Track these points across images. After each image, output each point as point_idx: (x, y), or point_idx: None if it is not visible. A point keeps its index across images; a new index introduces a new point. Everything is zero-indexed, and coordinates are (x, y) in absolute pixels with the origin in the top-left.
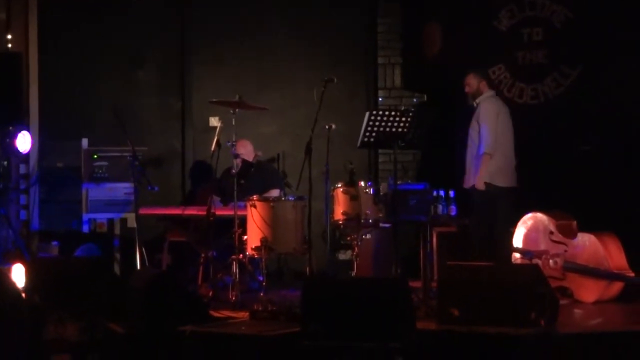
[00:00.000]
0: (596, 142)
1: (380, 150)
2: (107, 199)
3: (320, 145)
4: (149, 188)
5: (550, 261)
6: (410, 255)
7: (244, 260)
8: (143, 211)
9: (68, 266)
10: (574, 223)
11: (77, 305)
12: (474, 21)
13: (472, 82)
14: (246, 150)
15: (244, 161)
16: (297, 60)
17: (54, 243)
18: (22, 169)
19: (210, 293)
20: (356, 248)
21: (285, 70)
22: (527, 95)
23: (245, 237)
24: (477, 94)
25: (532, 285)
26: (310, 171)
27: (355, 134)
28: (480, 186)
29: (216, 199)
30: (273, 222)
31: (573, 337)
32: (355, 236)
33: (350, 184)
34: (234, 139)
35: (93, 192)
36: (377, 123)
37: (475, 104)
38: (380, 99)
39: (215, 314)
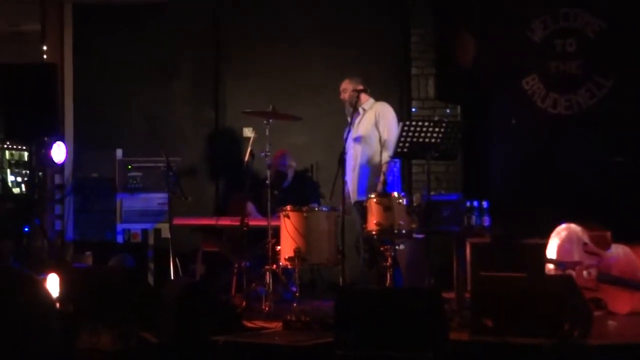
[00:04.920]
0: (630, 152)
1: (413, 161)
2: (141, 209)
3: None
4: (182, 198)
5: (584, 272)
6: (444, 265)
7: (277, 270)
8: (177, 221)
9: (102, 276)
10: (608, 234)
11: (111, 315)
12: (507, 32)
13: (347, 87)
14: (285, 161)
15: (277, 172)
16: (330, 71)
17: (88, 253)
18: (57, 179)
19: (244, 303)
20: (389, 259)
21: (318, 80)
22: (560, 105)
23: (278, 247)
24: (356, 102)
25: (566, 296)
26: (343, 182)
27: None
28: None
29: (251, 207)
30: (306, 232)
31: (607, 348)
32: (389, 247)
33: (384, 194)
34: (267, 150)
35: (127, 203)
36: (410, 133)
37: (361, 110)
38: (413, 110)
39: (249, 324)
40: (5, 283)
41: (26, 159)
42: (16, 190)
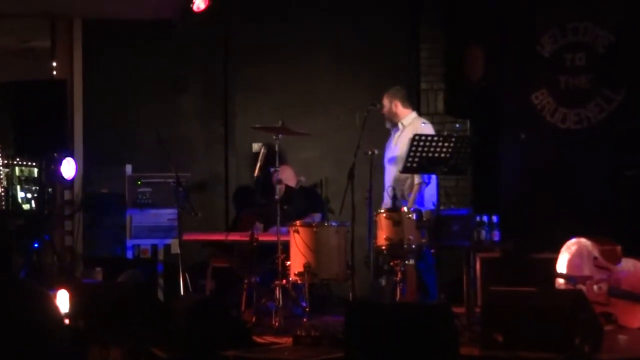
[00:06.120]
0: None
1: None
2: (151, 225)
3: (363, 170)
4: (192, 214)
5: (595, 287)
6: (454, 280)
7: (287, 285)
8: (187, 237)
9: (112, 292)
10: (619, 248)
11: (121, 331)
12: (516, 46)
13: (384, 102)
14: (286, 176)
15: (287, 187)
16: (339, 86)
17: (98, 269)
18: (67, 195)
19: (254, 318)
20: (399, 273)
21: (327, 95)
22: (570, 120)
23: (288, 262)
24: (393, 115)
25: (576, 310)
26: (352, 197)
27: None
28: None
29: (259, 225)
30: (316, 247)
31: None
32: (398, 262)
33: (393, 209)
34: (277, 165)
35: (137, 218)
36: (420, 148)
37: (400, 126)
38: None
39: (259, 340)
40: (16, 296)
41: (36, 175)
42: (26, 207)
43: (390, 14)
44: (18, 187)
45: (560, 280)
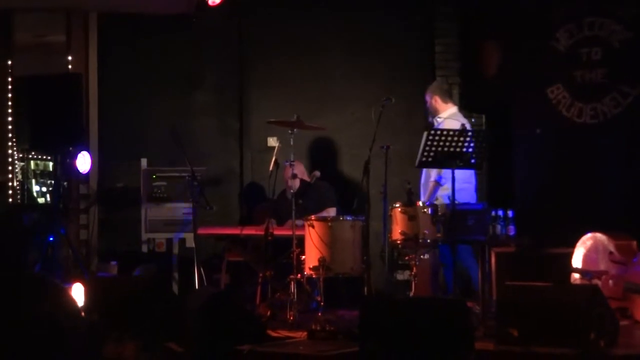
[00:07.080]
0: None
1: None
2: (166, 219)
3: (378, 165)
4: (207, 208)
5: (610, 281)
6: (469, 275)
7: (302, 280)
8: (201, 231)
9: (127, 285)
10: (634, 243)
11: (136, 325)
12: (531, 41)
13: (426, 98)
14: (300, 170)
15: (302, 181)
16: (354, 80)
17: (113, 262)
18: (82, 189)
19: (268, 313)
20: (414, 268)
21: (342, 90)
22: (586, 114)
23: (303, 256)
24: (434, 110)
25: (592, 305)
26: (368, 191)
27: (414, 153)
28: None
29: (273, 220)
30: (331, 241)
31: (633, 358)
32: (414, 256)
33: (409, 203)
34: (292, 159)
35: (152, 212)
36: (435, 143)
37: (436, 122)
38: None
39: (273, 334)
40: (32, 290)
41: (51, 169)
42: (41, 200)
43: (404, 8)
44: (33, 181)
45: (576, 275)
